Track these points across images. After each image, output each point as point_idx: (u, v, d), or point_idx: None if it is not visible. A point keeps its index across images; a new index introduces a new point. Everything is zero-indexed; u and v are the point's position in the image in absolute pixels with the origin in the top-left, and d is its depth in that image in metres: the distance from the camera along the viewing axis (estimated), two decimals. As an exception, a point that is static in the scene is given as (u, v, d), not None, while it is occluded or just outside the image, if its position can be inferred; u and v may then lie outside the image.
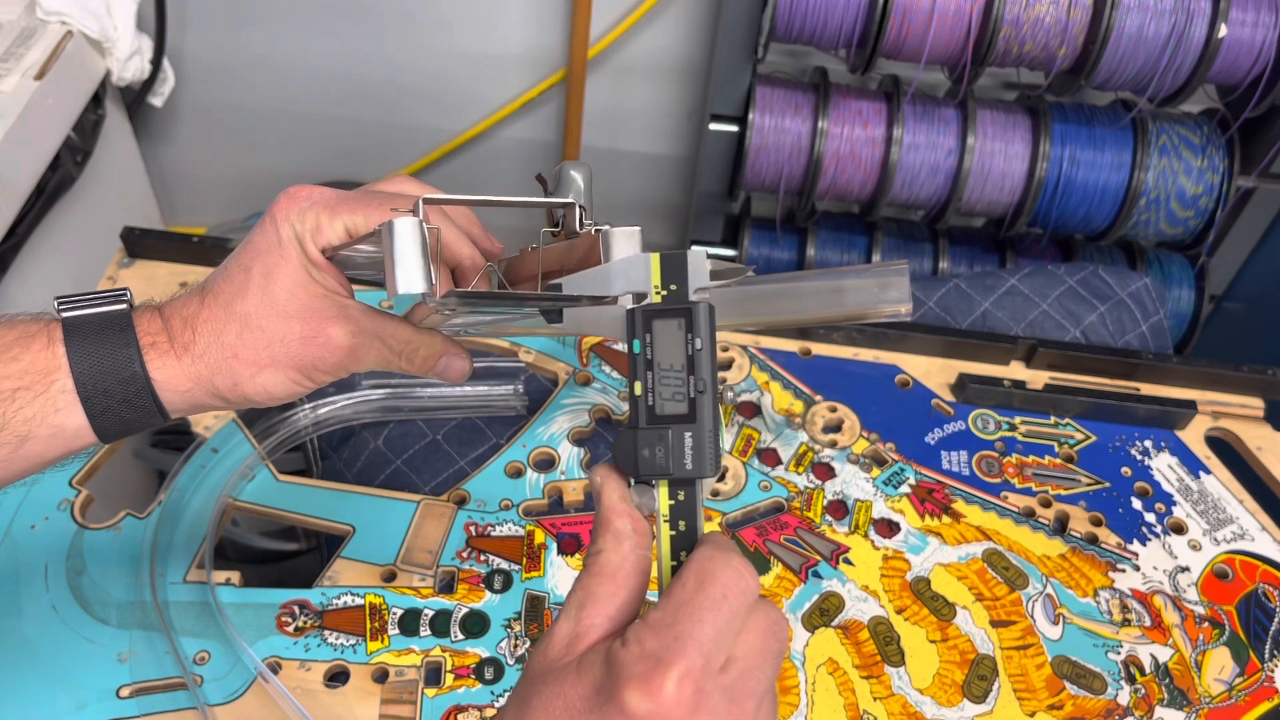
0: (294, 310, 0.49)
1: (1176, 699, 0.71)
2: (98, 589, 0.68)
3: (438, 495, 0.76)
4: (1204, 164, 1.15)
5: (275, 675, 0.65)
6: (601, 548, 0.40)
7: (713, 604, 0.36)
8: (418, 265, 0.45)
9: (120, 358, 0.48)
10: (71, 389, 0.47)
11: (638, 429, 0.41)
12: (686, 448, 0.40)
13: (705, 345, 0.41)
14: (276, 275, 0.49)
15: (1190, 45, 1.05)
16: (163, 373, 0.48)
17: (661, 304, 0.42)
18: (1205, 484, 0.83)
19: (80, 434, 0.48)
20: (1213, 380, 0.89)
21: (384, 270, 0.46)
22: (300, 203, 0.49)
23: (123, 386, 0.48)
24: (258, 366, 0.49)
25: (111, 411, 0.48)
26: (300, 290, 0.49)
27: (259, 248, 0.49)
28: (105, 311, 0.49)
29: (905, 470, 0.81)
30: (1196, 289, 1.28)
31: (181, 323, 0.49)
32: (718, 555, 0.38)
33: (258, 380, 0.49)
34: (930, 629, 0.73)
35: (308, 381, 0.51)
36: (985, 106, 1.18)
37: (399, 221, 0.45)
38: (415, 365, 0.54)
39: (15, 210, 1.02)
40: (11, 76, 1.02)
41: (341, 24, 1.33)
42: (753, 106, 1.16)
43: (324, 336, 0.49)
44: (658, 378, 0.41)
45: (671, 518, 0.41)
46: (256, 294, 0.49)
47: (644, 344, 0.41)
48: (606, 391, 0.83)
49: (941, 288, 1.00)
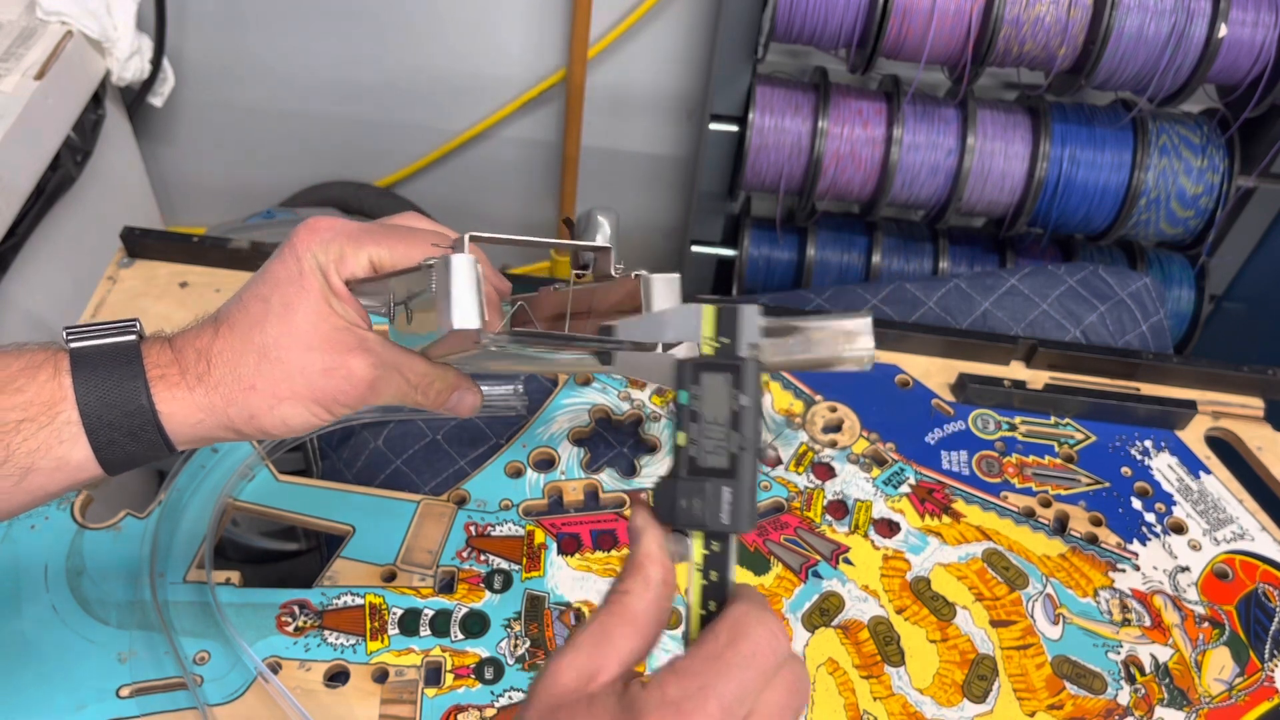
0: (315, 342, 0.48)
1: (1176, 699, 0.71)
2: (98, 589, 0.68)
3: (438, 495, 0.76)
4: (1204, 164, 1.15)
5: (275, 675, 0.65)
6: (629, 589, 0.40)
7: (742, 661, 0.36)
8: (473, 302, 0.46)
9: (127, 390, 0.47)
10: (77, 420, 0.46)
11: (678, 479, 0.41)
12: (725, 502, 0.41)
13: (751, 402, 0.41)
14: (297, 306, 0.48)
15: (1190, 45, 1.05)
16: (171, 405, 0.48)
17: (712, 357, 0.42)
18: (1205, 484, 0.83)
19: (85, 466, 0.47)
20: (1213, 380, 0.89)
21: (429, 305, 0.46)
22: (323, 234, 0.49)
23: (128, 419, 0.47)
24: (277, 399, 0.49)
25: (117, 444, 0.47)
26: (322, 322, 0.48)
27: (278, 278, 0.49)
28: (113, 343, 0.48)
29: (905, 470, 0.81)
30: (1196, 289, 1.28)
31: (195, 354, 0.48)
32: (753, 612, 0.38)
33: (276, 412, 0.49)
34: (930, 629, 0.73)
35: (326, 415, 0.50)
36: (985, 106, 1.18)
37: (456, 258, 0.46)
38: (430, 399, 0.53)
39: (15, 210, 1.02)
40: (11, 76, 1.02)
41: (342, 24, 1.33)
42: (753, 106, 1.16)
43: (346, 369, 0.49)
44: (702, 430, 0.41)
45: (705, 568, 0.41)
46: (276, 325, 0.48)
47: (691, 395, 0.41)
48: (606, 391, 0.83)
49: (941, 288, 1.00)
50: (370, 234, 0.50)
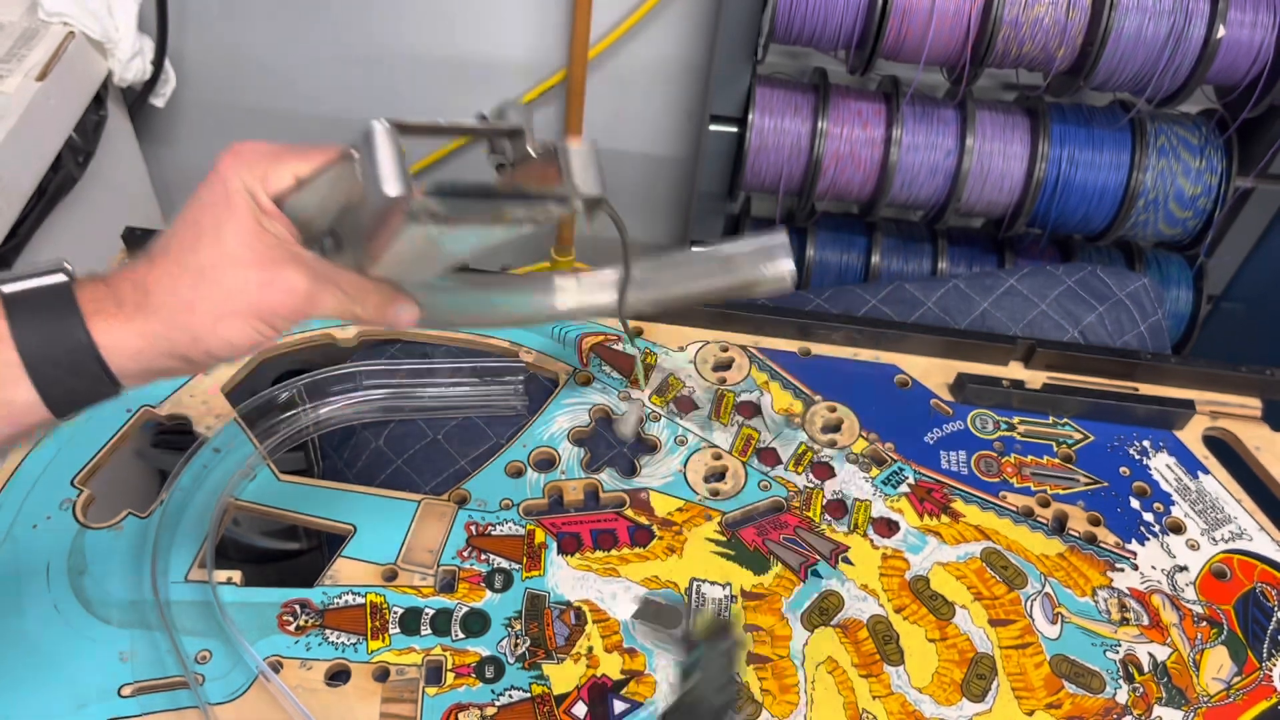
0: (249, 259, 0.49)
1: (1175, 698, 0.71)
2: (99, 588, 0.68)
3: (438, 495, 0.77)
4: (1202, 165, 1.16)
5: (276, 674, 0.65)
6: None
7: None
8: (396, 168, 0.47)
9: (65, 326, 0.47)
10: (18, 362, 0.47)
11: None
12: None
13: None
14: (227, 226, 0.49)
15: (1189, 46, 1.06)
16: (109, 337, 0.48)
17: None
18: (1203, 483, 0.83)
19: (31, 409, 0.48)
20: (1211, 380, 0.89)
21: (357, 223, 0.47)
22: (246, 155, 0.51)
23: (69, 355, 0.48)
24: (217, 317, 0.49)
25: (61, 382, 0.48)
26: (254, 240, 0.49)
27: (206, 202, 0.50)
28: (47, 284, 0.48)
29: (904, 470, 0.82)
30: (1195, 289, 1.28)
31: (131, 286, 0.49)
32: None
33: (219, 331, 0.49)
34: (929, 628, 0.73)
35: (269, 330, 0.51)
36: (984, 107, 1.18)
37: (375, 125, 0.47)
38: (369, 311, 0.54)
39: (17, 211, 1.02)
40: (13, 77, 1.02)
41: (342, 26, 1.34)
42: (752, 107, 1.16)
43: (282, 280, 0.50)
44: None
45: None
46: (209, 246, 0.49)
47: None
48: (606, 391, 0.84)
49: (941, 288, 1.00)
50: (291, 151, 0.51)
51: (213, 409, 0.78)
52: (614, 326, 0.88)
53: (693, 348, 0.88)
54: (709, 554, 0.75)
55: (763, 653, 0.70)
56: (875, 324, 0.89)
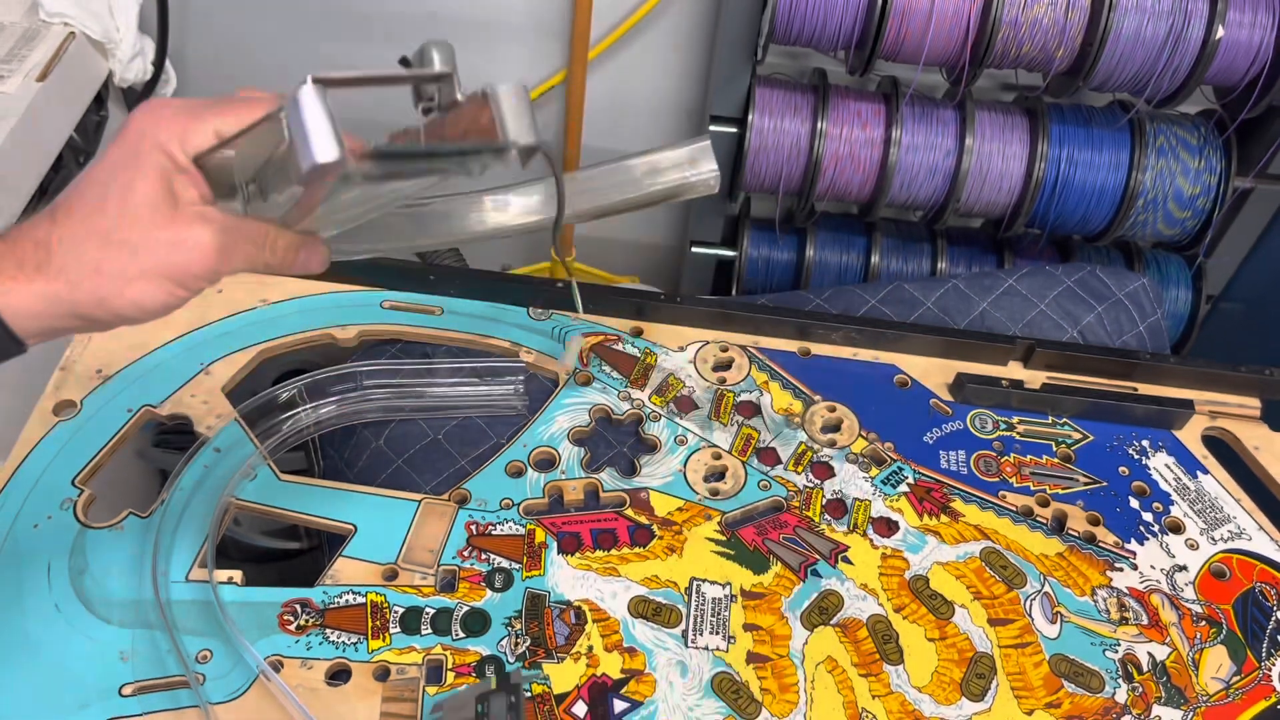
0: (157, 221, 0.48)
1: (1174, 697, 0.71)
2: (100, 588, 0.68)
3: (439, 494, 0.77)
4: (1201, 165, 1.16)
5: (277, 673, 0.65)
6: None
7: None
8: (329, 132, 0.45)
9: None
10: None
11: None
12: None
13: None
14: (136, 187, 0.48)
15: (1188, 46, 1.06)
16: (7, 298, 0.47)
17: None
18: (1203, 483, 0.84)
19: None
20: (1210, 380, 0.89)
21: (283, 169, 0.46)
22: (162, 112, 0.50)
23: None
24: (125, 280, 0.48)
25: None
26: (162, 201, 0.49)
27: (116, 162, 0.49)
28: None
29: (904, 469, 0.82)
30: (1194, 289, 1.29)
31: (33, 245, 0.48)
32: None
33: (128, 294, 0.49)
34: (929, 627, 0.73)
35: (182, 290, 0.50)
36: (983, 108, 1.18)
37: (304, 90, 0.45)
38: (279, 258, 0.53)
39: (18, 212, 1.02)
40: (14, 78, 1.02)
41: (343, 27, 1.34)
42: (752, 108, 1.16)
43: (191, 239, 0.49)
44: None
45: None
46: (116, 207, 0.48)
47: None
48: (606, 391, 0.84)
49: (940, 288, 1.00)
50: (211, 107, 0.50)
51: (213, 409, 0.79)
52: (614, 327, 0.88)
53: (692, 348, 0.88)
54: (709, 553, 0.75)
55: (762, 652, 0.70)
56: (875, 324, 0.90)
